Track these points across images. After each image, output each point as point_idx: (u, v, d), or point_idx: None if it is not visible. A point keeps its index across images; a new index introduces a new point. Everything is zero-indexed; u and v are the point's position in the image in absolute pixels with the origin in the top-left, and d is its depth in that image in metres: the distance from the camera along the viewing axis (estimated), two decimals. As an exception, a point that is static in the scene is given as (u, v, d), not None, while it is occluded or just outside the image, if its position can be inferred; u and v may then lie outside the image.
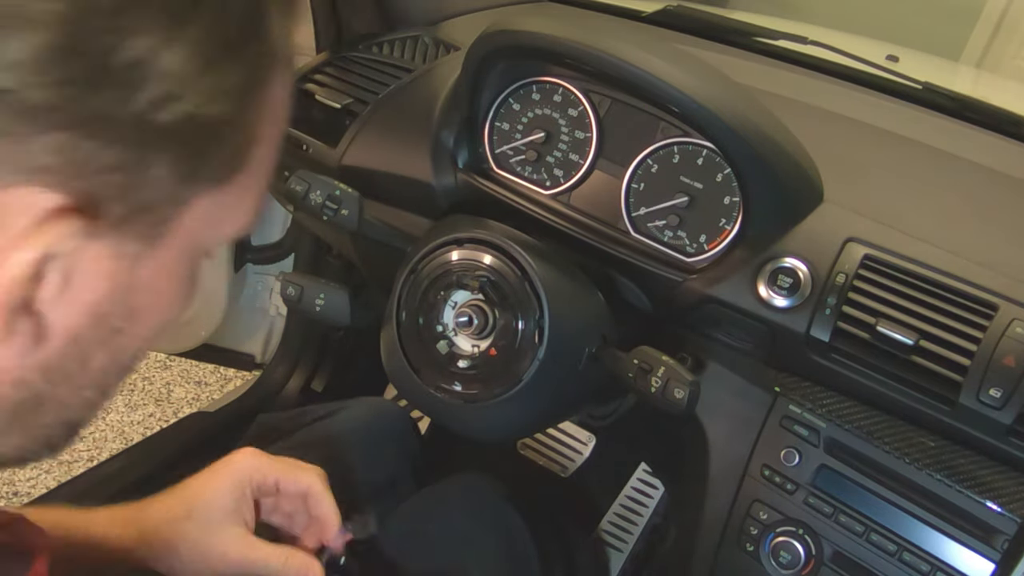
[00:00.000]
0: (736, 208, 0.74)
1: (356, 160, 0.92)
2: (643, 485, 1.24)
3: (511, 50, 0.77)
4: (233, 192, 0.32)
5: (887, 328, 0.65)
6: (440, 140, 0.85)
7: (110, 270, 0.29)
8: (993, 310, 0.64)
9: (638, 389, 0.65)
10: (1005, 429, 0.63)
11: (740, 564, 0.73)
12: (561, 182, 0.83)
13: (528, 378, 0.67)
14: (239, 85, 0.29)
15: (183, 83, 0.27)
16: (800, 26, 1.16)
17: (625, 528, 1.22)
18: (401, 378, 0.72)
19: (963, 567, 0.64)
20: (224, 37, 0.28)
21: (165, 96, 0.27)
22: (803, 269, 0.69)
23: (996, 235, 0.73)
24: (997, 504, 0.63)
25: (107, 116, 0.26)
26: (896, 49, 1.19)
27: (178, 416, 1.45)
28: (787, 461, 0.71)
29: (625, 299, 0.79)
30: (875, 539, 0.68)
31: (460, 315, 0.68)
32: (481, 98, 0.83)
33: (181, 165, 0.29)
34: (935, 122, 0.96)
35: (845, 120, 0.90)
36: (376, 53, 1.04)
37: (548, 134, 0.83)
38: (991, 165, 0.84)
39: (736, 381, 0.76)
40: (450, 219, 0.80)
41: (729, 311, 0.72)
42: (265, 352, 1.56)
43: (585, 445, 1.28)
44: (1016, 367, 0.62)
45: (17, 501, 1.44)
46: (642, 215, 0.79)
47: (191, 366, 1.79)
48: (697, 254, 0.76)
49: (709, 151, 0.75)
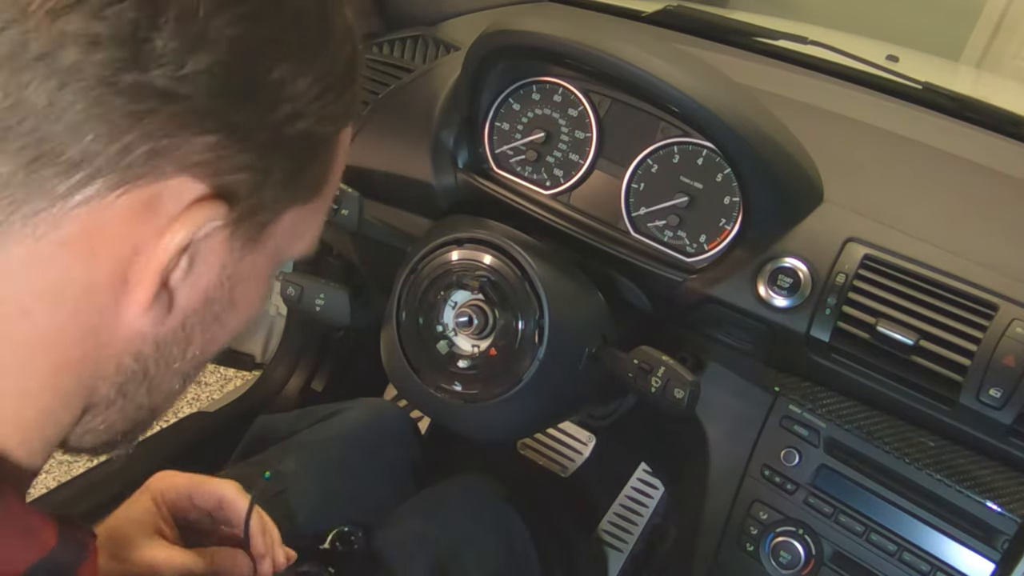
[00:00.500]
0: (736, 208, 0.74)
1: (356, 160, 0.92)
2: (643, 485, 1.24)
3: (511, 50, 0.77)
4: (311, 210, 0.37)
5: (887, 328, 0.65)
6: (440, 140, 0.85)
7: (223, 260, 0.33)
8: (993, 310, 0.64)
9: (638, 389, 0.65)
10: (1005, 429, 0.63)
11: (740, 564, 0.73)
12: (561, 182, 0.83)
13: (528, 378, 0.67)
14: (340, 114, 0.35)
15: (307, 104, 0.32)
16: (800, 26, 1.16)
17: (625, 528, 1.22)
18: (401, 378, 0.72)
19: (963, 567, 0.64)
20: (337, 73, 0.34)
21: (293, 113, 0.32)
22: (803, 269, 0.69)
23: (996, 235, 0.73)
24: (997, 504, 0.63)
25: (251, 124, 0.31)
26: (896, 49, 1.19)
27: (178, 416, 1.45)
28: (787, 461, 0.71)
29: (625, 299, 0.79)
30: (875, 539, 0.68)
31: (460, 315, 0.68)
32: (481, 98, 0.83)
33: (290, 175, 0.34)
34: (935, 122, 0.96)
35: (845, 120, 0.90)
36: (376, 53, 1.04)
37: (548, 134, 0.83)
38: (991, 165, 0.84)
39: (736, 381, 0.76)
40: (450, 219, 0.80)
41: (729, 311, 0.72)
42: (265, 352, 1.56)
43: (585, 445, 1.28)
44: (1016, 367, 0.62)
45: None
46: (642, 215, 0.79)
47: (191, 366, 1.78)
48: (697, 254, 0.76)
49: (709, 151, 0.75)
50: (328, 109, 0.33)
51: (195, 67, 0.28)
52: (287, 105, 0.32)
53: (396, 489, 0.89)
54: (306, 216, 0.37)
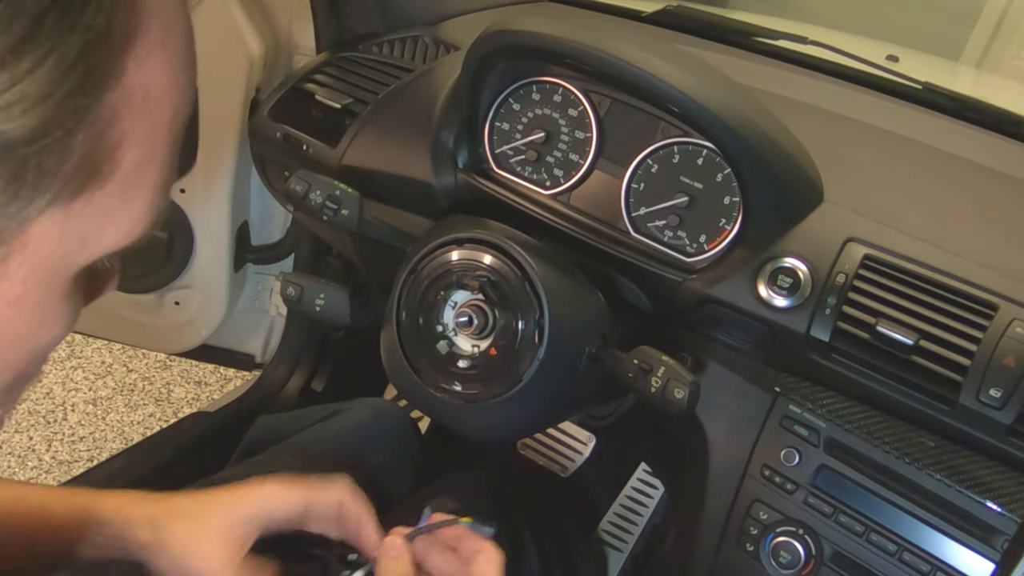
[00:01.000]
0: (736, 208, 0.74)
1: (356, 160, 0.92)
2: (643, 485, 1.24)
3: (511, 50, 0.77)
4: (99, 203, 0.29)
5: (887, 328, 0.65)
6: (440, 140, 0.85)
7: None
8: (993, 310, 0.64)
9: (638, 389, 0.65)
10: (1005, 429, 0.63)
11: (740, 564, 0.73)
12: (561, 182, 0.83)
13: (528, 378, 0.67)
14: (43, 92, 0.25)
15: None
16: (800, 26, 1.16)
17: (625, 528, 1.22)
18: (401, 378, 0.72)
19: (963, 567, 0.64)
20: (5, 40, 0.24)
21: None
22: (803, 269, 0.69)
23: (996, 235, 0.73)
24: (997, 504, 0.63)
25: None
26: (896, 49, 1.19)
27: (178, 416, 1.45)
28: (787, 461, 0.71)
29: (625, 299, 0.79)
30: (875, 539, 0.68)
31: (460, 315, 0.67)
32: (481, 98, 0.83)
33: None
34: (935, 122, 0.96)
35: (845, 120, 0.90)
36: (376, 53, 1.04)
37: (548, 134, 0.83)
38: (991, 165, 0.84)
39: (736, 381, 0.76)
40: (450, 219, 0.80)
41: (729, 311, 0.72)
42: (265, 352, 1.56)
43: (585, 445, 1.28)
44: (1016, 367, 0.62)
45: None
46: (642, 215, 0.79)
47: (191, 366, 1.79)
48: (697, 254, 0.76)
49: (709, 151, 0.75)
50: (8, 97, 0.24)
51: None
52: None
53: (396, 489, 0.89)
54: (88, 212, 0.29)
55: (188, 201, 1.28)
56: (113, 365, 1.73)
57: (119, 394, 1.68)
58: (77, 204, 0.28)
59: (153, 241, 1.28)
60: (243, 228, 1.35)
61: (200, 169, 1.24)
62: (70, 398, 1.66)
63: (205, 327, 1.42)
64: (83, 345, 1.76)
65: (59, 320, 0.32)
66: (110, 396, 1.68)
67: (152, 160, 0.30)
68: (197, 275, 1.35)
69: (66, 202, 0.28)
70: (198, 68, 0.32)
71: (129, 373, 1.72)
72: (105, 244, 0.31)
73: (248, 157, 1.13)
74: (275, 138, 1.00)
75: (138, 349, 1.71)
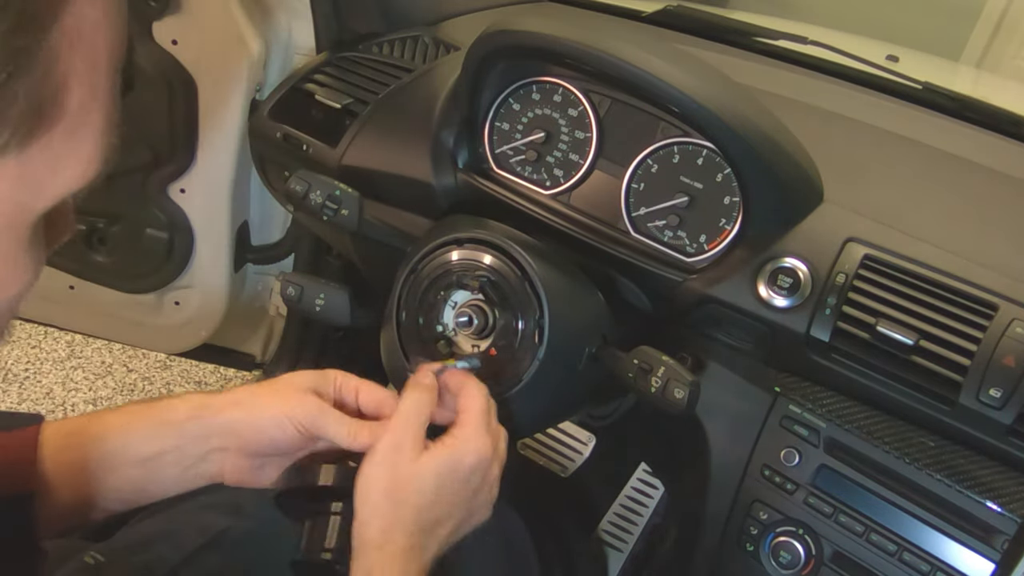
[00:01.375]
0: (736, 208, 0.74)
1: (356, 160, 0.92)
2: (643, 485, 1.24)
3: (511, 50, 0.77)
4: (49, 147, 0.29)
5: (887, 328, 0.65)
6: (440, 140, 0.85)
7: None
8: (993, 310, 0.64)
9: (638, 389, 0.65)
10: (1005, 429, 0.63)
11: (740, 564, 0.74)
12: (561, 182, 0.83)
13: (528, 378, 0.67)
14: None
15: None
16: (800, 26, 1.16)
17: (625, 528, 1.22)
18: (401, 378, 0.72)
19: (963, 567, 0.64)
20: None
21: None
22: (803, 269, 0.69)
23: (996, 235, 0.73)
24: (997, 504, 0.63)
25: None
26: (896, 49, 1.19)
27: (178, 416, 1.45)
28: (787, 461, 0.71)
29: (625, 299, 0.79)
30: (875, 539, 0.68)
31: (460, 315, 0.68)
32: (481, 98, 0.83)
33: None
34: (935, 122, 0.96)
35: (845, 120, 0.90)
36: (376, 53, 1.04)
37: (548, 134, 0.83)
38: (991, 165, 0.84)
39: (736, 381, 0.76)
40: (450, 219, 0.80)
41: (729, 311, 0.72)
42: (265, 352, 1.56)
43: (585, 445, 1.28)
44: (1016, 367, 0.62)
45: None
46: (642, 215, 0.79)
47: (191, 366, 1.78)
48: (697, 254, 0.76)
49: (709, 151, 0.75)
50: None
51: None
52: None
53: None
54: (42, 156, 0.29)
55: (188, 201, 1.27)
56: (113, 365, 1.73)
57: (119, 394, 1.68)
58: (29, 151, 0.28)
59: (153, 241, 1.28)
60: (243, 228, 1.35)
61: (200, 169, 1.24)
62: (70, 398, 1.66)
63: (205, 327, 1.42)
64: (83, 345, 1.76)
65: (23, 270, 0.32)
66: (110, 396, 1.68)
67: (95, 99, 0.30)
68: (197, 275, 1.35)
69: (17, 149, 0.28)
70: (198, 68, 0.32)
71: (129, 373, 1.72)
72: (59, 188, 0.31)
73: (248, 157, 1.13)
74: (275, 138, 1.00)
75: (138, 349, 1.71)
